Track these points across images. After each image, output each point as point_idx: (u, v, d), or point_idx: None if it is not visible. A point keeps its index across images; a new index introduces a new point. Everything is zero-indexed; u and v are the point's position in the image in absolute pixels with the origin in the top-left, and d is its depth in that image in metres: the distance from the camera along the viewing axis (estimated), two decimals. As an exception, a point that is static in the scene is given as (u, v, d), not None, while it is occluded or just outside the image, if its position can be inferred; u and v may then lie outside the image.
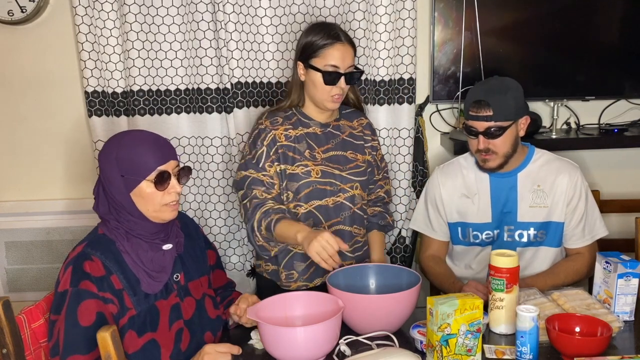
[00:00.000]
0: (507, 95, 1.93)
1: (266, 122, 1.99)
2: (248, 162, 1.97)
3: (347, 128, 2.09)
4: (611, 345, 1.59)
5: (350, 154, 2.05)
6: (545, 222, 2.04)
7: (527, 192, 2.04)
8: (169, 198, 1.55)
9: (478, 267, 2.10)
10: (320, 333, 1.51)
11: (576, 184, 2.03)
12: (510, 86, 1.96)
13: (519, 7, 2.48)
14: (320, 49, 1.92)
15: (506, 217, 2.05)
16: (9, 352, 1.47)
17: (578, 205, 2.03)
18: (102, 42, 2.35)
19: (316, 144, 2.01)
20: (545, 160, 2.07)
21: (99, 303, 1.47)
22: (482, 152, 1.97)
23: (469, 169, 2.10)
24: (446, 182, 2.12)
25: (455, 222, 2.12)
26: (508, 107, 1.92)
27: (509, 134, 1.95)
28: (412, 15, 2.33)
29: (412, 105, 2.44)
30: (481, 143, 1.96)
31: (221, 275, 1.87)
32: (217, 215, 2.51)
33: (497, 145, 1.95)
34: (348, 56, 1.93)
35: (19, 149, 2.62)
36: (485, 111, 1.91)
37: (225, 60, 2.31)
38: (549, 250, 2.06)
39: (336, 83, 1.92)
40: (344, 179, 2.01)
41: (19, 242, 2.66)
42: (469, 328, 1.47)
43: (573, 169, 2.06)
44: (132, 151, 1.50)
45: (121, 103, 2.42)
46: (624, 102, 2.61)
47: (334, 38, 1.92)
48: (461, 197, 2.09)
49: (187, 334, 1.60)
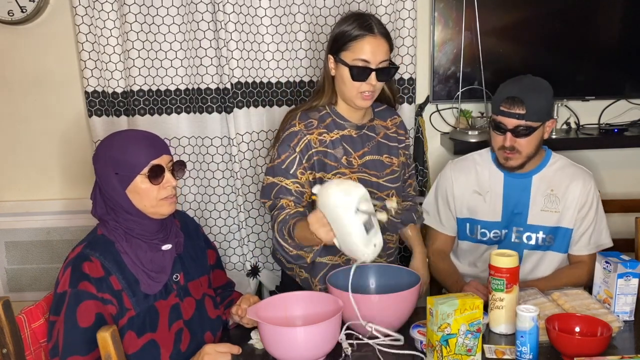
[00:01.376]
0: (541, 96, 1.91)
1: (300, 125, 1.85)
2: (277, 167, 1.83)
3: (382, 129, 1.98)
4: (611, 345, 1.59)
5: (386, 158, 1.96)
6: (554, 227, 2.03)
7: (539, 195, 2.03)
8: (164, 192, 1.54)
9: (483, 266, 2.09)
10: (320, 333, 1.51)
11: (589, 192, 2.02)
12: (545, 87, 1.95)
13: (519, 7, 2.48)
14: (351, 41, 1.78)
15: (516, 218, 2.05)
16: (9, 352, 1.47)
17: (588, 213, 2.02)
18: (102, 42, 2.35)
19: (352, 148, 1.89)
20: (560, 165, 2.06)
21: (98, 304, 1.46)
22: (507, 149, 1.95)
23: (484, 165, 2.09)
24: (459, 177, 2.10)
25: (464, 218, 2.11)
26: (541, 108, 1.91)
27: (536, 135, 1.93)
28: (412, 15, 2.33)
29: (412, 105, 2.44)
30: (508, 140, 1.93)
31: (221, 275, 1.87)
32: (217, 215, 2.51)
33: (522, 145, 1.93)
34: (380, 50, 1.78)
35: (19, 149, 2.63)
36: (518, 109, 1.89)
37: (225, 60, 2.31)
38: (555, 256, 2.05)
39: (366, 79, 1.78)
40: (381, 186, 1.92)
41: (19, 242, 2.66)
42: (469, 328, 1.47)
43: (588, 176, 2.05)
44: (124, 148, 1.51)
45: (121, 103, 2.42)
46: (624, 102, 2.61)
47: (366, 30, 1.78)
48: (473, 194, 2.08)
49: (187, 334, 1.60)
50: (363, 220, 1.52)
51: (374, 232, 1.56)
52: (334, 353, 1.58)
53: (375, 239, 1.56)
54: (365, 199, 1.52)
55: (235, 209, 2.50)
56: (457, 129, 2.55)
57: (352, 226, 1.52)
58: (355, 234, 1.52)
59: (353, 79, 1.80)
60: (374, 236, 1.56)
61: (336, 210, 1.52)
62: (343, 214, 1.51)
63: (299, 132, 1.84)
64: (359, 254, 1.56)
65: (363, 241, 1.53)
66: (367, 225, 1.53)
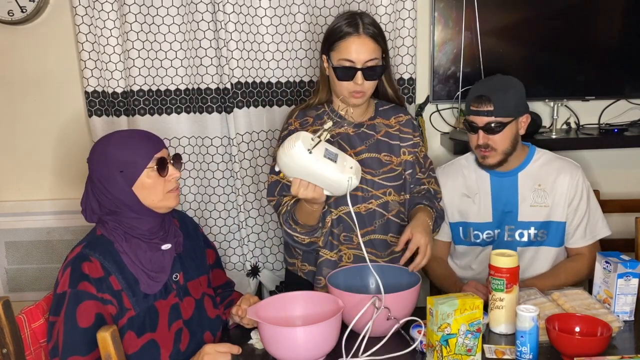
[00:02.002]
0: (508, 92, 1.94)
1: (296, 123, 1.90)
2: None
3: (383, 127, 1.95)
4: (611, 345, 1.59)
5: (385, 156, 1.93)
6: (545, 222, 2.04)
7: (527, 191, 2.04)
8: (170, 185, 1.56)
9: (479, 268, 2.10)
10: (320, 333, 1.51)
11: (577, 183, 2.03)
12: (513, 84, 1.97)
13: (519, 7, 2.48)
14: (337, 41, 1.81)
15: (507, 217, 2.06)
16: (9, 352, 1.47)
17: (580, 205, 2.03)
18: (102, 42, 2.35)
19: (349, 145, 1.90)
20: (546, 159, 2.07)
21: (97, 304, 1.46)
22: (482, 147, 1.98)
23: (470, 168, 2.11)
24: (447, 183, 2.12)
25: (456, 222, 2.12)
26: (509, 104, 1.93)
27: (508, 131, 1.95)
28: (412, 15, 2.33)
29: (412, 105, 2.44)
30: (481, 138, 1.96)
31: (220, 275, 1.87)
32: (217, 215, 2.51)
33: (496, 142, 1.96)
34: (366, 50, 1.79)
35: (19, 149, 2.62)
36: (486, 106, 1.92)
37: (225, 60, 2.31)
38: (550, 250, 2.06)
39: (351, 79, 1.80)
40: (376, 184, 1.90)
41: (19, 242, 2.66)
42: (469, 328, 1.47)
43: (574, 168, 2.06)
44: (125, 146, 1.51)
45: (121, 103, 2.42)
46: (624, 102, 2.61)
47: (350, 29, 1.79)
48: (462, 197, 2.10)
49: (187, 334, 1.60)
50: (322, 154, 1.57)
51: (341, 159, 1.61)
52: (334, 353, 1.58)
53: (347, 162, 1.62)
54: (307, 139, 1.57)
55: (235, 209, 2.50)
56: (457, 129, 2.55)
57: (319, 167, 1.58)
58: (327, 169, 1.59)
59: (338, 79, 1.82)
60: (344, 161, 1.62)
61: (298, 166, 1.59)
62: (304, 164, 1.57)
63: (294, 130, 1.87)
64: (344, 183, 1.61)
65: (338, 171, 1.59)
66: (329, 156, 1.59)
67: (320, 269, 1.92)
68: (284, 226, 1.84)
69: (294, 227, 1.81)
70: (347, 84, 1.82)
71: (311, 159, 1.56)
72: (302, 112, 1.93)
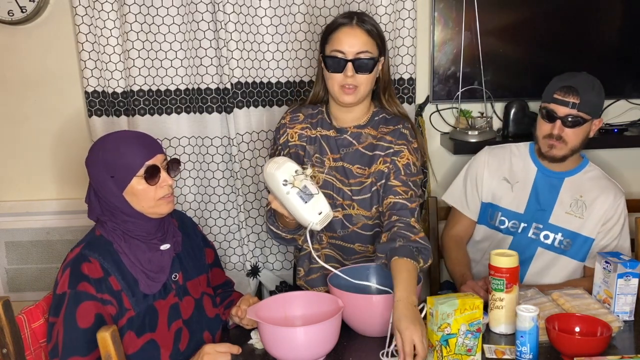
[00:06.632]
0: (594, 91, 1.95)
1: (287, 117, 1.92)
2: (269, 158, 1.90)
3: (369, 138, 1.87)
4: (611, 345, 1.59)
5: (358, 169, 1.86)
6: (575, 233, 2.03)
7: (568, 197, 2.04)
8: (162, 192, 1.54)
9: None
10: (320, 333, 1.52)
11: (618, 207, 2.03)
12: (599, 85, 1.98)
13: (519, 7, 2.48)
14: (330, 33, 1.79)
15: (538, 215, 2.05)
16: (9, 352, 1.47)
17: (613, 228, 2.03)
18: (102, 42, 2.35)
19: (329, 149, 1.88)
20: (595, 175, 2.08)
21: (97, 305, 1.46)
22: (554, 138, 1.96)
23: (520, 157, 2.11)
24: (492, 163, 2.12)
25: (487, 203, 2.12)
26: (594, 102, 1.94)
27: (584, 129, 1.96)
28: (412, 16, 2.33)
29: (412, 105, 2.44)
30: (557, 128, 1.95)
31: (219, 274, 1.87)
32: (217, 215, 2.51)
33: (569, 135, 1.95)
34: (357, 41, 1.75)
35: (19, 149, 2.62)
36: (573, 98, 1.91)
37: (225, 60, 2.31)
38: (570, 262, 2.05)
39: (341, 70, 1.75)
40: (345, 194, 1.86)
41: (19, 242, 2.66)
42: (469, 328, 1.47)
43: (619, 192, 2.06)
44: (118, 151, 1.50)
45: (121, 103, 2.42)
46: (624, 102, 2.61)
47: (345, 20, 1.78)
48: (501, 181, 2.10)
49: (186, 334, 1.60)
50: (296, 191, 1.60)
51: (314, 200, 1.62)
52: (334, 353, 1.58)
53: (317, 206, 1.62)
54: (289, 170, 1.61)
55: (235, 209, 2.50)
56: (457, 129, 2.55)
57: (287, 200, 1.61)
58: (295, 204, 1.61)
59: (328, 69, 1.78)
60: (315, 204, 1.62)
61: (272, 188, 1.64)
62: (275, 190, 1.63)
63: (284, 125, 1.92)
64: (306, 223, 1.63)
65: (305, 210, 1.61)
66: (303, 194, 1.61)
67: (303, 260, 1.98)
68: (267, 222, 1.88)
69: (276, 223, 1.84)
70: (337, 76, 1.77)
71: (283, 191, 1.60)
72: (297, 108, 1.94)
